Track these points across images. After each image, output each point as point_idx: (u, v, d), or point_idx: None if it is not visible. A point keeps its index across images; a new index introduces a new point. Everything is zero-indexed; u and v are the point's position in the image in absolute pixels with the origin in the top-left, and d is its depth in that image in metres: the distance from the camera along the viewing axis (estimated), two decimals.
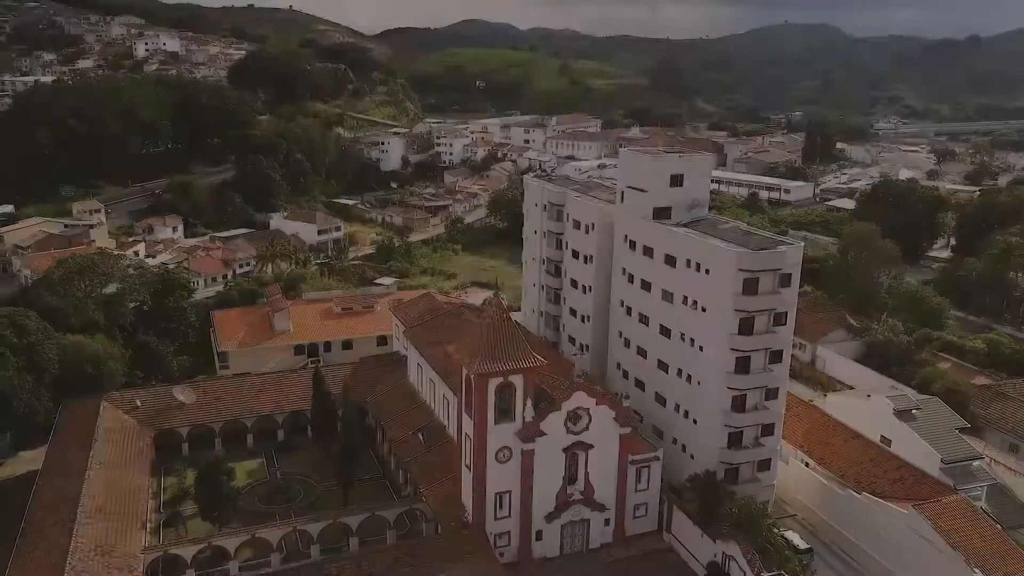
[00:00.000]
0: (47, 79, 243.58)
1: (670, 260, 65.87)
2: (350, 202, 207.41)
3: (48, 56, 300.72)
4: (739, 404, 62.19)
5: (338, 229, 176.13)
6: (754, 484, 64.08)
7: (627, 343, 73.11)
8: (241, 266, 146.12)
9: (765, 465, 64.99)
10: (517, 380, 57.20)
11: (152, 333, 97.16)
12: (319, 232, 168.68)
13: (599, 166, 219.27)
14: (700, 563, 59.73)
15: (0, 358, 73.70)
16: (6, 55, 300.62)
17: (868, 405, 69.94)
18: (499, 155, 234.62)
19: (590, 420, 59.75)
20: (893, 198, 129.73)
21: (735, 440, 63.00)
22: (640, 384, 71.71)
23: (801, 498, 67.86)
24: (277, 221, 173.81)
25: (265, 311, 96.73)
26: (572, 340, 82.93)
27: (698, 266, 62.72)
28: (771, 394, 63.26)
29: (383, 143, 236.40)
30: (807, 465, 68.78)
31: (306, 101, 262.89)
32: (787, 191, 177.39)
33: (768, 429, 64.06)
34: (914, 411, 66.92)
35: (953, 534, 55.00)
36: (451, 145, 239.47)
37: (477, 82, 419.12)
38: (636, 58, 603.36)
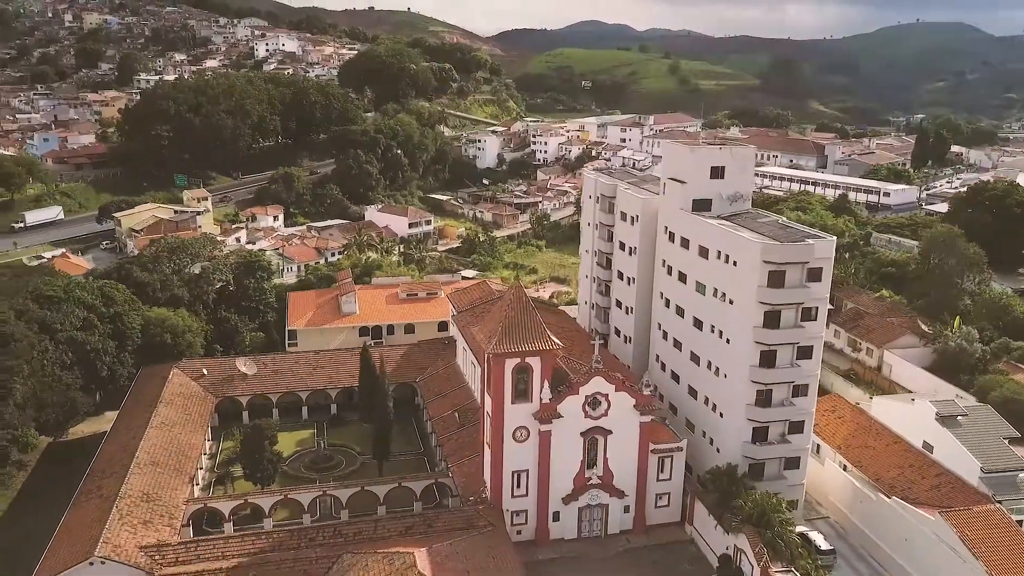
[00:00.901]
0: (170, 77, 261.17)
1: (703, 252, 65.78)
2: (444, 197, 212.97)
3: (179, 56, 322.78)
4: (764, 399, 61.48)
5: (428, 223, 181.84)
6: (780, 482, 63.16)
7: (665, 335, 73.30)
8: (333, 254, 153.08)
9: (793, 463, 63.90)
10: (534, 362, 58.76)
11: (232, 311, 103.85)
12: (409, 225, 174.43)
13: None
14: (716, 555, 59.57)
15: (87, 324, 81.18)
16: (144, 56, 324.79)
17: (912, 409, 67.53)
18: (593, 154, 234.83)
19: (609, 406, 60.56)
20: (989, 202, 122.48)
21: (760, 435, 62.31)
22: (675, 377, 71.80)
23: (834, 500, 66.33)
24: (371, 213, 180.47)
25: (335, 294, 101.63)
26: (617, 332, 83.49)
27: (727, 258, 62.44)
28: (800, 391, 62.19)
29: (479, 141, 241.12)
30: (844, 468, 67.07)
31: (410, 99, 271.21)
32: (887, 194, 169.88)
33: (797, 426, 63.02)
34: (959, 417, 64.13)
35: (979, 544, 52.85)
36: (546, 143, 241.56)
37: (583, 82, 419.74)
38: (753, 59, 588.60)
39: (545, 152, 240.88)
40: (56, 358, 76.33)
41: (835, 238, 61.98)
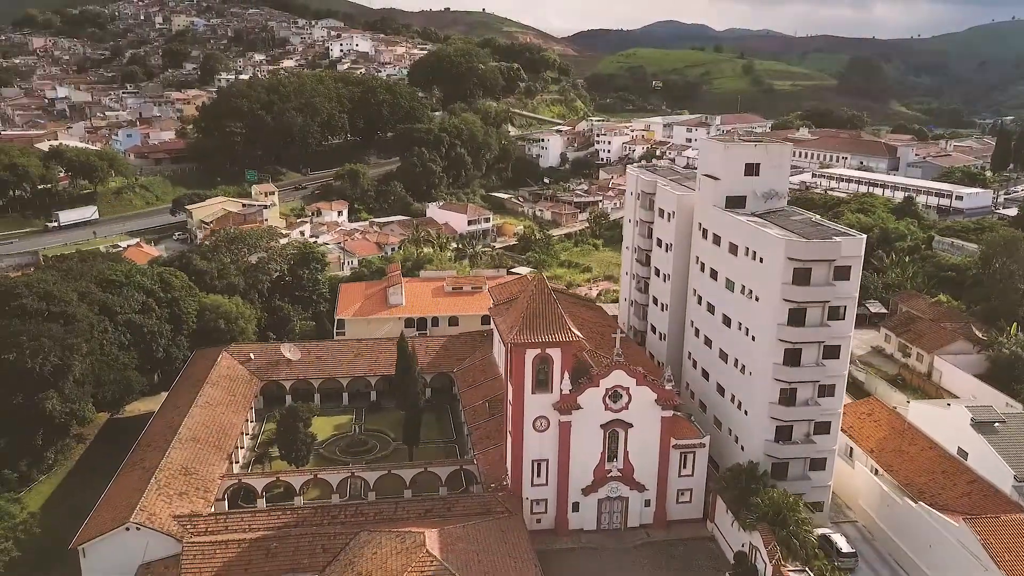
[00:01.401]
0: (246, 77, 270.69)
1: (733, 248, 65.46)
2: (505, 196, 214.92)
3: (258, 57, 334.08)
4: (788, 397, 60.86)
5: (487, 220, 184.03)
6: (804, 482, 62.41)
7: (696, 332, 73.18)
8: (392, 249, 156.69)
9: (819, 464, 62.98)
10: (555, 353, 59.63)
11: (285, 299, 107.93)
12: (469, 222, 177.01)
13: None
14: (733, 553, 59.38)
15: (146, 307, 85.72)
16: (225, 56, 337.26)
17: (948, 415, 65.71)
18: (657, 153, 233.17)
19: (630, 399, 60.96)
20: None
21: (783, 434, 61.68)
22: (705, 374, 71.65)
23: (863, 504, 65.15)
24: (432, 210, 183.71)
25: (383, 286, 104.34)
26: (654, 329, 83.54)
27: (754, 254, 62.06)
28: (826, 391, 61.29)
29: (543, 140, 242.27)
30: (876, 472, 65.76)
31: (477, 99, 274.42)
32: (959, 197, 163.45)
33: (823, 427, 62.12)
34: (996, 424, 62.17)
35: (1002, 552, 51.29)
36: (609, 143, 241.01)
37: (653, 82, 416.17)
38: (834, 59, 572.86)
39: (608, 151, 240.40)
40: (115, 339, 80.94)
41: (864, 236, 60.53)
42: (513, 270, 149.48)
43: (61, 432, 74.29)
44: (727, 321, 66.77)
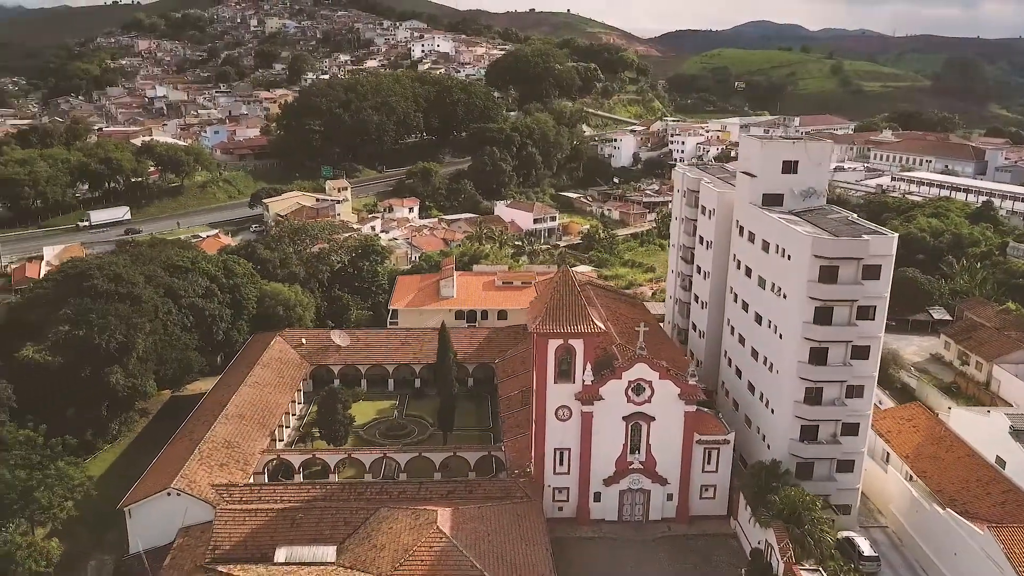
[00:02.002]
0: (325, 76, 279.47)
1: (765, 246, 65.15)
2: (574, 195, 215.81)
3: (344, 57, 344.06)
4: (814, 396, 60.25)
5: (553, 219, 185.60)
6: (830, 484, 61.68)
7: (732, 330, 72.93)
8: (458, 245, 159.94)
9: (847, 466, 62.07)
10: (577, 343, 60.67)
11: (345, 289, 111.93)
12: (534, 220, 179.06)
13: (835, 168, 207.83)
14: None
15: (208, 292, 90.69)
16: (312, 57, 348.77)
17: (988, 422, 63.75)
18: (732, 154, 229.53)
19: (652, 392, 61.47)
20: None
21: (808, 434, 61.08)
22: (739, 372, 71.40)
23: (894, 509, 63.88)
24: (499, 209, 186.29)
25: (437, 278, 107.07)
26: (695, 327, 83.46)
27: (783, 251, 61.68)
28: (854, 391, 60.41)
29: (615, 140, 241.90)
30: (910, 478, 64.30)
31: (553, 98, 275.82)
32: None
33: (851, 429, 61.23)
34: None
35: None
36: (683, 143, 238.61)
37: (736, 83, 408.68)
38: (932, 59, 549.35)
39: (682, 152, 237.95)
40: (178, 320, 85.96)
41: (895, 235, 59.24)
42: (574, 269, 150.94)
43: (125, 405, 79.48)
44: (759, 319, 66.47)
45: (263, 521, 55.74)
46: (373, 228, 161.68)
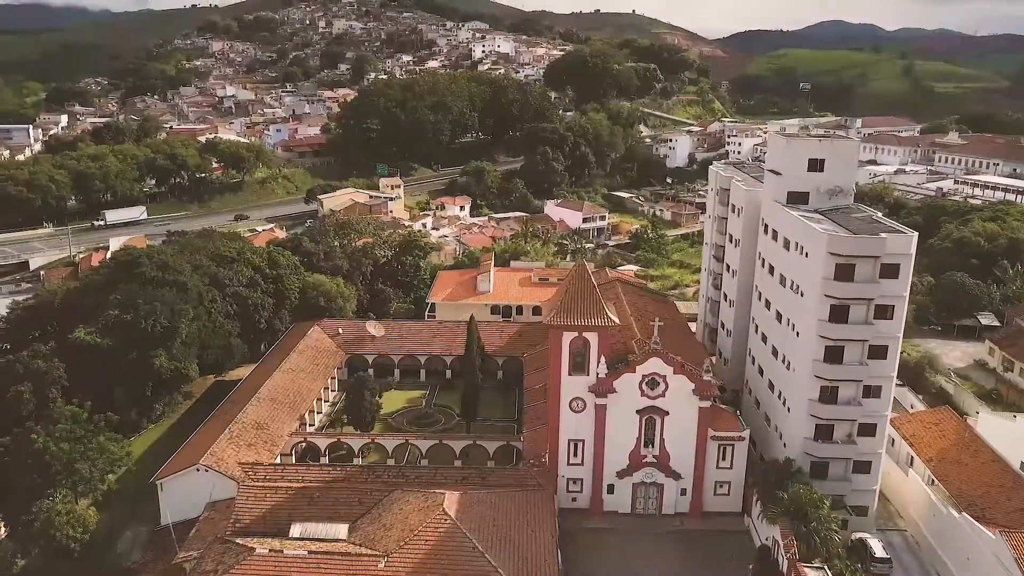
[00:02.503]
0: (383, 76, 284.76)
1: (787, 243, 64.83)
2: (626, 195, 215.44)
3: (406, 58, 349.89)
4: (829, 395, 59.76)
5: (602, 218, 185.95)
6: (845, 484, 61.10)
7: (756, 328, 72.68)
8: (505, 242, 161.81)
9: (863, 468, 61.30)
10: (592, 337, 61.59)
11: (388, 283, 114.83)
12: (583, 220, 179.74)
13: (896, 171, 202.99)
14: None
15: (252, 282, 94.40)
16: (375, 57, 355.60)
17: (1014, 428, 62.21)
18: None
19: (667, 387, 61.93)
20: None
21: (823, 433, 60.61)
22: (761, 370, 71.08)
23: (913, 513, 62.94)
24: (549, 208, 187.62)
25: (475, 274, 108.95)
26: (723, 325, 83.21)
27: (801, 249, 61.40)
28: (871, 391, 59.72)
29: (671, 140, 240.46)
30: (932, 483, 63.23)
31: (610, 99, 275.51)
32: None
33: (868, 429, 60.48)
34: None
35: None
36: (740, 144, 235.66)
37: (801, 84, 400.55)
38: (1015, 59, 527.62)
39: (739, 153, 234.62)
40: (221, 308, 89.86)
41: (915, 234, 58.28)
42: (619, 268, 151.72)
43: (169, 387, 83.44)
44: (779, 317, 66.19)
45: (283, 498, 58.20)
46: (424, 225, 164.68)
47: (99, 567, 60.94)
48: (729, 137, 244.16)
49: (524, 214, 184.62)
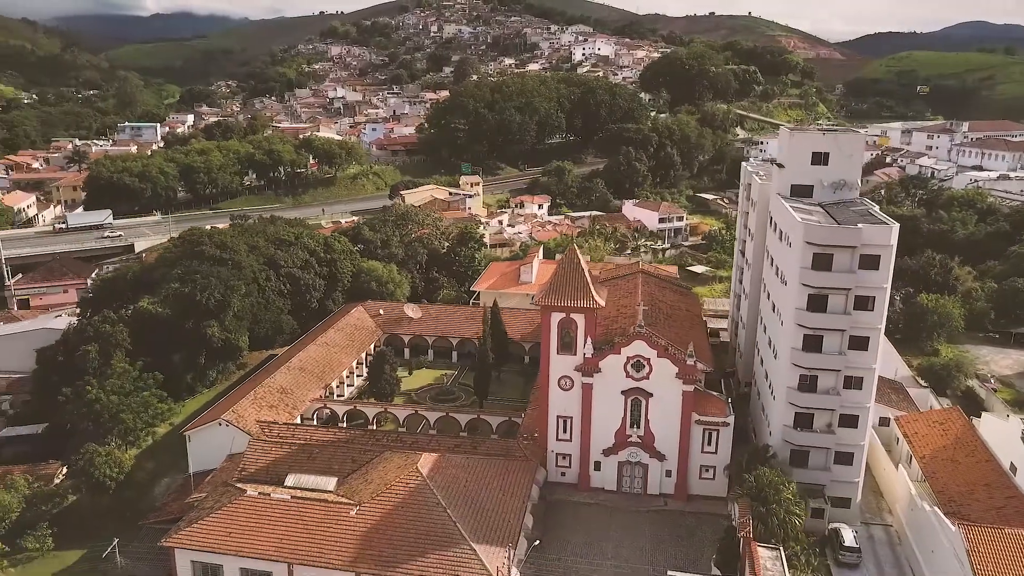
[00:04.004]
0: (475, 78, 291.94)
1: (780, 234, 65.60)
2: (711, 197, 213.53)
3: (508, 60, 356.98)
4: (807, 384, 60.24)
5: (680, 219, 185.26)
6: (825, 474, 61.37)
7: (760, 319, 73.41)
8: (563, 238, 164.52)
9: (845, 459, 61.30)
10: (579, 318, 64.40)
11: (443, 272, 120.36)
12: (660, 220, 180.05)
13: (999, 177, 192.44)
14: None
15: (306, 264, 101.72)
16: (477, 60, 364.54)
17: (1007, 428, 60.71)
18: (887, 160, 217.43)
19: (651, 370, 63.96)
20: None
21: (802, 421, 61.13)
22: (762, 360, 71.76)
23: (898, 508, 62.41)
24: (627, 208, 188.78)
25: (520, 265, 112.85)
26: (741, 318, 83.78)
27: (787, 239, 62.16)
28: (852, 383, 59.74)
29: (761, 143, 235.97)
30: (924, 479, 62.50)
31: (705, 102, 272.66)
32: None
33: (850, 421, 60.49)
34: None
35: (986, 563, 48.35)
36: None
37: (919, 87, 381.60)
38: None
39: None
40: (275, 287, 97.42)
41: (896, 225, 57.84)
42: (689, 267, 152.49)
43: (221, 356, 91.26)
44: (774, 307, 66.93)
45: (286, 453, 64.04)
46: (500, 222, 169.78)
47: (131, 503, 68.60)
48: None
49: (602, 213, 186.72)
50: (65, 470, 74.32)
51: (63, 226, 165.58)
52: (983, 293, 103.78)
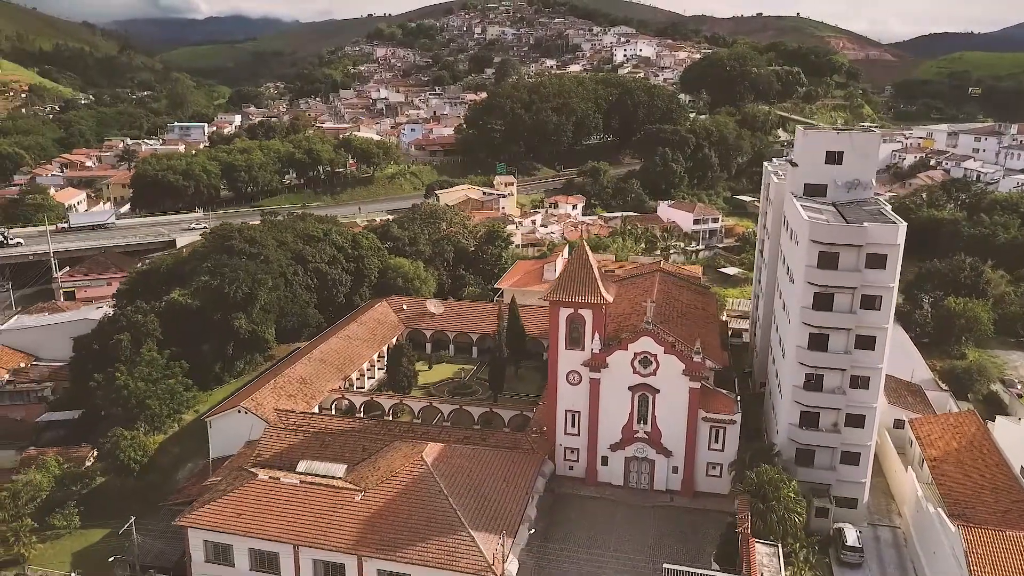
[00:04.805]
0: (512, 79, 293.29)
1: (791, 233, 65.57)
2: (748, 199, 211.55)
3: (549, 62, 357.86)
4: (813, 383, 60.16)
5: (715, 220, 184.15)
6: (830, 473, 61.21)
7: (773, 318, 73.33)
8: (594, 237, 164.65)
9: (852, 459, 61.08)
10: (587, 313, 65.14)
11: (470, 270, 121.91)
12: (694, 221, 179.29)
13: None
14: None
15: (334, 260, 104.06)
16: (518, 62, 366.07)
17: (1020, 432, 59.86)
18: (931, 163, 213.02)
19: (658, 366, 64.40)
20: None
21: (808, 420, 61.04)
22: (773, 360, 71.66)
23: (905, 510, 61.94)
24: (661, 209, 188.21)
25: (544, 263, 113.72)
26: (759, 319, 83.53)
27: (795, 237, 62.15)
28: (859, 382, 59.49)
29: None
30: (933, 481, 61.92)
31: (746, 103, 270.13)
32: None
33: (855, 420, 60.26)
34: None
35: (983, 564, 47.96)
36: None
37: (970, 89, 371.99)
38: None
39: None
40: (302, 281, 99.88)
41: (903, 224, 57.39)
42: (721, 269, 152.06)
43: (249, 347, 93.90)
44: (783, 306, 66.92)
45: (300, 440, 65.98)
46: (533, 222, 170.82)
47: (156, 486, 71.32)
48: None
49: (635, 214, 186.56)
50: (95, 453, 77.58)
51: (65, 225, 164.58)
52: (1016, 298, 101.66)
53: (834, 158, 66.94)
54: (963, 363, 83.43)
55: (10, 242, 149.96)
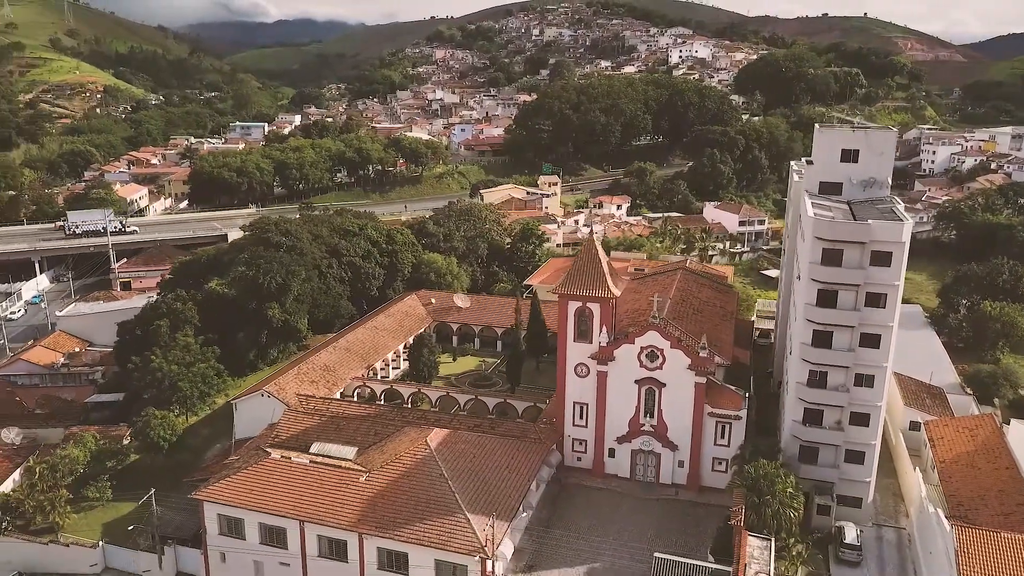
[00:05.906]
0: (560, 80, 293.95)
1: (801, 231, 65.45)
2: None
3: (604, 63, 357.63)
4: (817, 380, 59.93)
5: (761, 222, 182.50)
6: (833, 471, 60.93)
7: (787, 318, 73.05)
8: (630, 236, 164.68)
9: (856, 458, 60.69)
10: (595, 307, 66.11)
11: (503, 267, 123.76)
12: (740, 223, 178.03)
13: None
14: None
15: (367, 254, 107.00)
16: (573, 63, 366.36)
17: None
18: (991, 166, 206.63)
19: (664, 360, 65.04)
20: None
21: (811, 417, 60.83)
22: (785, 357, 71.47)
23: (911, 511, 61.29)
24: (707, 210, 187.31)
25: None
26: (779, 318, 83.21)
27: (803, 234, 62.09)
28: (864, 381, 59.13)
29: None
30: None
31: (802, 104, 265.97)
32: None
33: (860, 419, 59.84)
34: None
35: (973, 565, 47.50)
36: (934, 153, 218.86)
37: None
38: None
39: (932, 162, 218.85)
40: (336, 274, 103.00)
41: (910, 222, 56.70)
42: (764, 271, 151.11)
43: (282, 336, 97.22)
44: (793, 304, 66.77)
45: (316, 423, 68.61)
46: (576, 221, 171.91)
47: (185, 464, 74.86)
48: (924, 145, 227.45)
49: (680, 215, 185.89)
50: (130, 432, 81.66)
51: (62, 225, 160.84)
52: None
53: (850, 156, 66.27)
54: (988, 367, 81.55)
55: (127, 230, 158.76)
